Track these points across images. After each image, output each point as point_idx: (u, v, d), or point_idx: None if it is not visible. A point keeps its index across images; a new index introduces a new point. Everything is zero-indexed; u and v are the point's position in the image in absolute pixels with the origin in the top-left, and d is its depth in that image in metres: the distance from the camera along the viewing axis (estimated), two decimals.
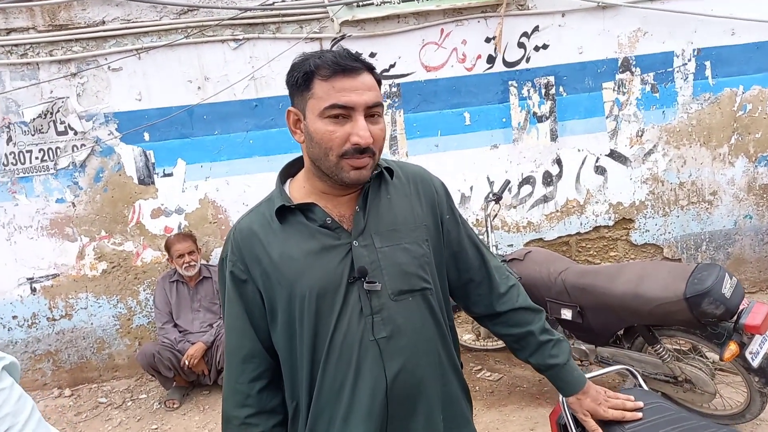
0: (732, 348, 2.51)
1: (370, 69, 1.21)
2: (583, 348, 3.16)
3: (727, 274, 2.58)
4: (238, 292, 1.29)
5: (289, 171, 1.37)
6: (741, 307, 2.56)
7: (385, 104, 4.11)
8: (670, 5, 4.14)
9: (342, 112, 1.15)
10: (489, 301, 1.43)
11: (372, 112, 1.18)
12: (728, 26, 4.21)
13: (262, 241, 1.26)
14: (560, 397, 1.45)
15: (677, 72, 4.26)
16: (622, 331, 3.05)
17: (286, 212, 1.26)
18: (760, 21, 4.16)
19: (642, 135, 4.33)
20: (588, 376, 1.50)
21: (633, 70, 4.24)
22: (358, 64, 1.17)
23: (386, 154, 4.08)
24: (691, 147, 4.38)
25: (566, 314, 3.04)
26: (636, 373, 1.61)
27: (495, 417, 3.30)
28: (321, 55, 1.18)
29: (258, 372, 1.30)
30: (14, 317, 4.10)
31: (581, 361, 3.21)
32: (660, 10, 4.13)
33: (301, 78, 1.19)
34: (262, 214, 1.30)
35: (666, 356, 2.85)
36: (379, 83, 1.23)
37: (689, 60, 4.26)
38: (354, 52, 1.21)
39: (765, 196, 4.49)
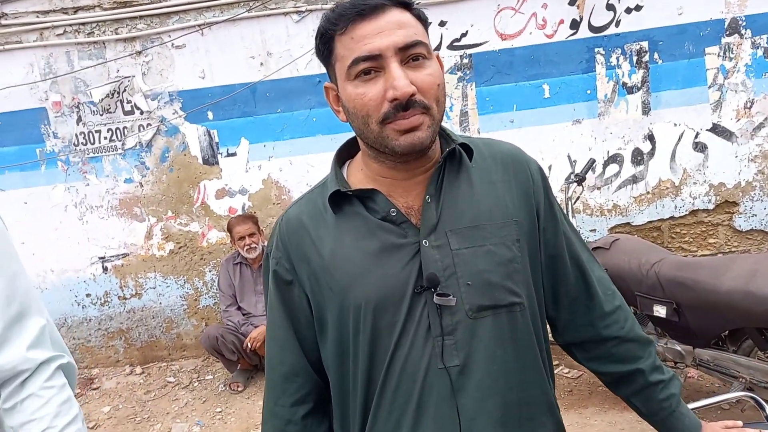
0: None
1: (403, 4, 0.92)
2: (679, 349, 2.79)
3: None
4: (282, 296, 1.07)
5: (349, 152, 1.11)
6: None
7: (455, 77, 3.80)
8: None
9: (371, 65, 0.89)
10: (588, 322, 1.12)
11: (411, 55, 0.90)
12: None
13: (311, 235, 1.02)
14: None
15: None
16: (726, 333, 2.66)
17: (341, 200, 1.01)
18: None
19: (751, 107, 3.79)
20: (697, 405, 1.19)
21: (742, 32, 3.69)
22: (380, 0, 0.89)
23: (456, 131, 3.79)
24: None
25: (660, 311, 2.68)
26: (764, 403, 1.28)
27: (574, 419, 3.00)
28: (337, 5, 0.93)
29: (302, 394, 1.08)
30: (87, 295, 4.19)
31: (675, 363, 2.84)
32: None
33: (321, 42, 0.95)
34: (313, 202, 1.06)
35: None
36: (422, 20, 0.95)
37: None
38: None
39: None
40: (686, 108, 3.82)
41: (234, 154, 3.98)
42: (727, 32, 3.69)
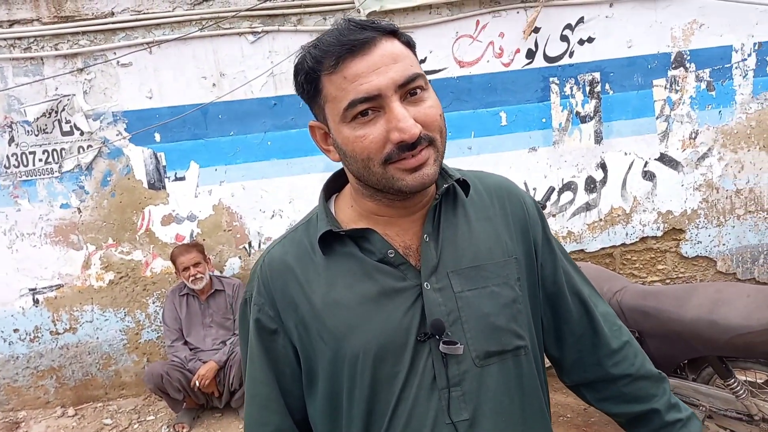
0: None
1: (390, 32, 0.86)
2: None
3: None
4: (265, 348, 0.96)
5: (334, 185, 1.03)
6: None
7: None
8: None
9: (369, 106, 0.82)
10: (595, 361, 1.06)
11: (410, 89, 0.83)
12: None
13: (299, 279, 0.93)
14: None
15: (736, 68, 3.87)
16: (686, 361, 2.68)
17: (332, 240, 0.93)
18: None
19: (696, 137, 3.94)
20: None
21: (687, 65, 3.85)
22: (368, 33, 0.83)
23: None
24: (749, 151, 3.98)
25: None
26: None
27: None
28: (319, 41, 0.85)
29: None
30: (15, 330, 3.83)
31: None
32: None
33: (305, 81, 0.87)
34: (299, 242, 0.97)
35: (741, 392, 2.48)
36: (411, 46, 0.88)
37: (749, 55, 3.86)
38: (364, 18, 0.85)
39: None
40: (636, 138, 3.92)
41: (182, 179, 3.77)
42: (673, 65, 3.84)
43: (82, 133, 3.65)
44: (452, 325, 0.88)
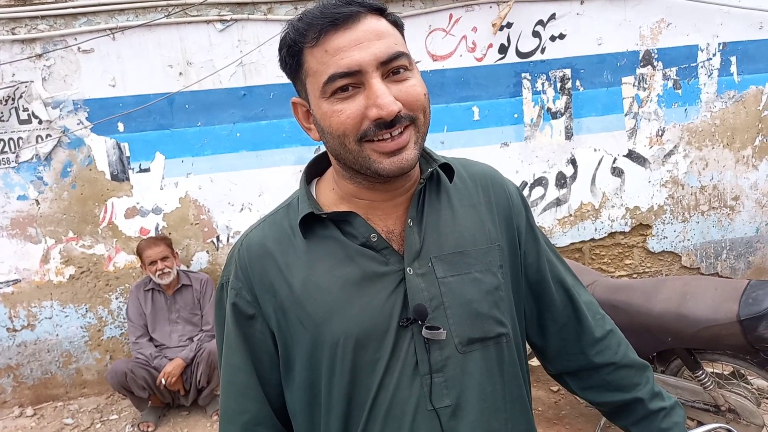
0: None
1: (377, 9, 0.83)
2: None
3: None
4: (242, 334, 0.93)
5: (316, 169, 1.00)
6: None
7: None
8: None
9: (349, 81, 0.79)
10: (578, 350, 1.05)
11: (393, 68, 0.80)
12: (755, 20, 3.91)
13: (278, 262, 0.90)
14: None
15: (701, 67, 3.95)
16: (655, 353, 2.72)
17: (313, 224, 0.90)
18: None
19: (662, 135, 4.01)
20: None
21: (655, 64, 3.91)
22: (353, 8, 0.80)
23: None
24: (713, 148, 4.08)
25: None
26: None
27: None
28: (304, 14, 0.83)
29: None
30: None
31: None
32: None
33: (288, 55, 0.84)
34: (279, 225, 0.94)
35: (708, 383, 2.53)
36: (398, 26, 0.86)
37: (714, 55, 3.95)
38: None
39: None
40: (605, 134, 3.97)
41: (147, 170, 3.65)
42: (642, 63, 3.90)
43: (40, 122, 3.50)
44: (435, 311, 0.87)
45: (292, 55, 0.84)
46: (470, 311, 0.89)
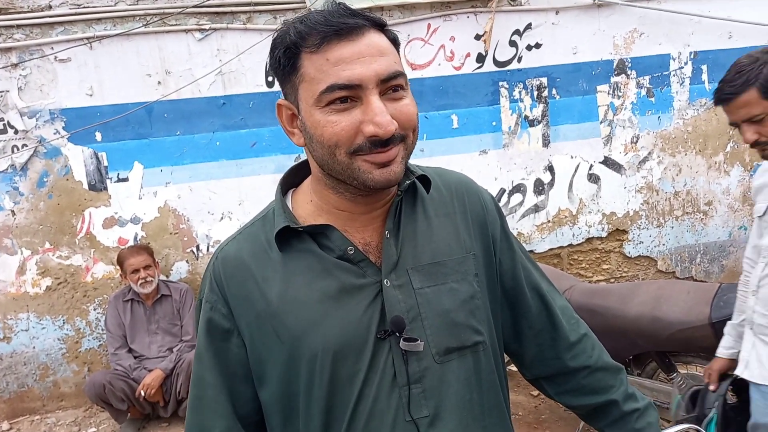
0: None
1: (380, 25, 0.84)
2: None
3: None
4: (216, 348, 0.92)
5: (293, 179, 1.00)
6: None
7: None
8: (667, 5, 3.93)
9: (347, 94, 0.80)
10: (554, 355, 1.07)
11: (391, 86, 0.82)
12: (725, 29, 4.02)
13: (255, 276, 0.90)
14: None
15: (673, 76, 4.05)
16: (631, 357, 2.77)
17: (290, 237, 0.90)
18: (756, 24, 3.99)
19: (637, 141, 4.10)
20: None
21: (628, 72, 4.00)
22: (359, 20, 0.81)
23: None
24: (686, 155, 4.17)
25: None
26: None
27: None
28: (305, 17, 0.83)
29: None
30: None
31: None
32: (656, 9, 3.92)
33: (284, 56, 0.83)
34: (255, 237, 0.94)
35: (683, 385, 2.58)
36: (396, 44, 0.87)
37: (685, 63, 4.05)
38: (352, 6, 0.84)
39: None
40: (581, 141, 4.04)
41: (125, 179, 3.63)
42: (616, 72, 3.99)
43: (16, 132, 3.46)
44: (412, 322, 0.88)
45: (288, 57, 0.83)
46: (447, 321, 0.90)
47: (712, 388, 2.11)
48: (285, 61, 0.84)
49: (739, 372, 1.85)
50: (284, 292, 0.88)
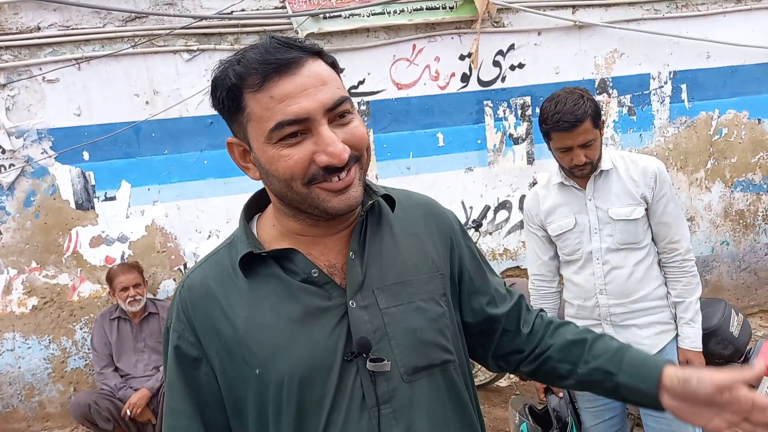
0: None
1: (316, 53, 0.85)
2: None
3: (733, 311, 2.38)
4: (185, 376, 0.92)
5: (257, 205, 1.01)
6: (749, 347, 2.36)
7: None
8: (646, 26, 4.03)
9: (297, 129, 0.82)
10: (513, 349, 1.10)
11: (338, 112, 0.84)
12: (703, 50, 4.13)
13: (221, 303, 0.90)
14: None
15: (654, 94, 4.14)
16: None
17: (254, 262, 0.91)
18: (734, 45, 4.10)
19: None
20: None
21: (610, 91, 4.09)
22: (295, 53, 0.82)
23: None
24: (668, 171, 4.22)
25: None
26: None
27: None
28: (242, 56, 0.83)
29: None
30: None
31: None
32: (636, 30, 4.01)
33: (227, 97, 0.85)
34: (220, 264, 0.94)
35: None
36: (336, 68, 0.89)
37: (665, 83, 4.14)
38: (314, 31, 0.86)
39: (741, 221, 4.39)
40: None
41: (113, 198, 3.64)
42: (597, 91, 4.07)
43: (3, 151, 3.47)
44: (379, 342, 0.88)
45: (231, 99, 0.84)
46: (415, 340, 0.91)
47: (543, 398, 2.36)
48: (229, 103, 0.85)
49: None
50: (250, 317, 0.88)
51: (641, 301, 2.01)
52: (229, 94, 0.84)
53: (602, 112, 3.98)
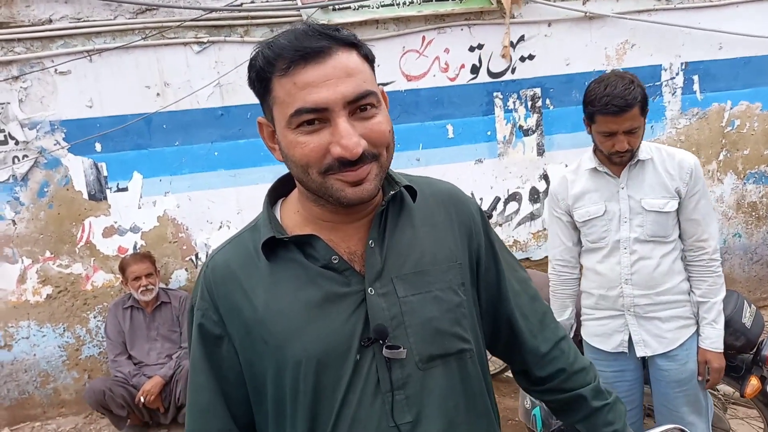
0: (754, 383, 2.29)
1: (349, 43, 0.85)
2: None
3: (745, 302, 2.37)
4: (208, 353, 0.95)
5: (282, 189, 1.02)
6: (761, 338, 2.35)
7: None
8: (658, 17, 3.99)
9: (314, 117, 0.82)
10: (523, 360, 1.12)
11: (360, 105, 0.84)
12: (715, 41, 4.08)
13: (243, 284, 0.93)
14: None
15: (665, 86, 4.11)
16: None
17: (276, 246, 0.93)
18: (747, 35, 4.05)
19: None
20: None
21: None
22: (324, 42, 0.82)
23: None
24: None
25: None
26: None
27: None
28: (274, 42, 0.84)
29: None
30: None
31: None
32: (647, 21, 3.97)
33: (257, 79, 0.87)
34: (243, 247, 0.96)
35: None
36: (369, 60, 0.89)
37: (677, 74, 4.11)
38: (325, 22, 0.87)
39: (754, 214, 4.36)
40: (575, 150, 4.08)
41: (125, 189, 3.68)
42: None
43: (17, 143, 3.51)
44: (395, 330, 0.90)
45: (260, 81, 0.87)
46: (431, 329, 0.92)
47: None
48: (258, 84, 0.88)
49: (641, 353, 2.06)
50: (270, 300, 0.91)
51: (665, 294, 2.01)
52: (259, 76, 0.87)
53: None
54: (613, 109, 1.81)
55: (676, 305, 2.03)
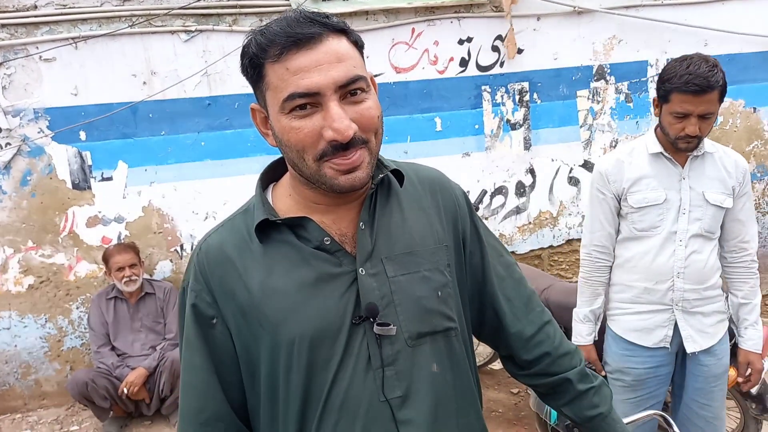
0: (731, 374, 2.32)
1: (339, 30, 0.87)
2: None
3: None
4: (202, 335, 0.96)
5: (273, 174, 1.05)
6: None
7: None
8: (645, 13, 4.03)
9: (307, 101, 0.85)
10: (508, 344, 1.14)
11: (350, 90, 0.86)
12: (701, 37, 4.13)
13: (237, 266, 0.94)
14: None
15: (651, 81, 4.15)
16: None
17: (269, 229, 0.94)
18: (732, 32, 4.10)
19: (615, 145, 4.18)
20: None
21: (608, 78, 4.09)
22: (316, 29, 0.84)
23: None
24: None
25: None
26: (671, 420, 1.38)
27: None
28: (266, 28, 0.87)
29: None
30: None
31: None
32: (635, 17, 4.01)
33: (249, 65, 0.89)
34: (237, 230, 0.98)
35: None
36: (359, 46, 0.91)
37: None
38: (315, 11, 0.89)
39: None
40: (562, 145, 4.12)
41: (110, 179, 3.64)
42: (595, 78, 4.07)
43: (0, 130, 3.46)
44: (386, 308, 0.93)
45: (253, 67, 0.88)
46: (419, 307, 0.95)
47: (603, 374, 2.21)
48: (251, 71, 0.89)
49: (691, 349, 2.01)
50: (264, 281, 0.92)
51: (710, 289, 2.00)
52: (252, 62, 0.88)
53: (599, 99, 4.01)
54: (693, 88, 1.74)
55: (715, 300, 2.02)
